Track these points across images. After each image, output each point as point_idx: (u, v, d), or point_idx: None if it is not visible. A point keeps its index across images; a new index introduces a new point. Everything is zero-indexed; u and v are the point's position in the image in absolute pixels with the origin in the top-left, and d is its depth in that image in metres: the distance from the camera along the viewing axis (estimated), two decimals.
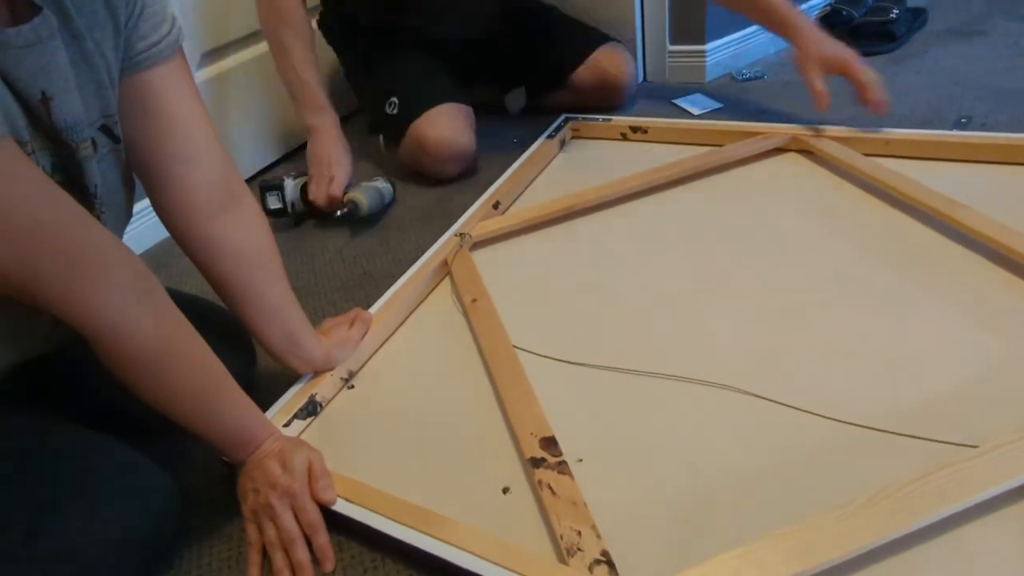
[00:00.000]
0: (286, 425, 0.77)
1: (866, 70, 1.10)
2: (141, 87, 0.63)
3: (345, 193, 1.20)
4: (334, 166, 1.21)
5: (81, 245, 0.53)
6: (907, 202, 0.94)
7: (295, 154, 1.56)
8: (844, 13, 1.60)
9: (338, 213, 1.19)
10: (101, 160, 0.61)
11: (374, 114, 1.34)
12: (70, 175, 0.58)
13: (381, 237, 1.19)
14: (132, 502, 0.60)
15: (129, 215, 0.70)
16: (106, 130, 0.61)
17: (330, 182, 1.19)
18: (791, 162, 1.13)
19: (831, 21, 1.63)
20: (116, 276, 0.55)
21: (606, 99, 1.42)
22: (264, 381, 0.87)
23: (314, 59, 1.24)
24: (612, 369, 0.79)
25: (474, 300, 0.90)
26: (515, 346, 0.83)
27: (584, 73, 1.40)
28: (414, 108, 1.26)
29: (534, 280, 0.97)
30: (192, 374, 0.61)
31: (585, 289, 0.93)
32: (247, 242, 0.73)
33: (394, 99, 1.28)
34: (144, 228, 1.23)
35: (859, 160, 1.03)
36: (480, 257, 1.03)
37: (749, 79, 1.49)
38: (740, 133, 1.17)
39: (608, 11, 1.53)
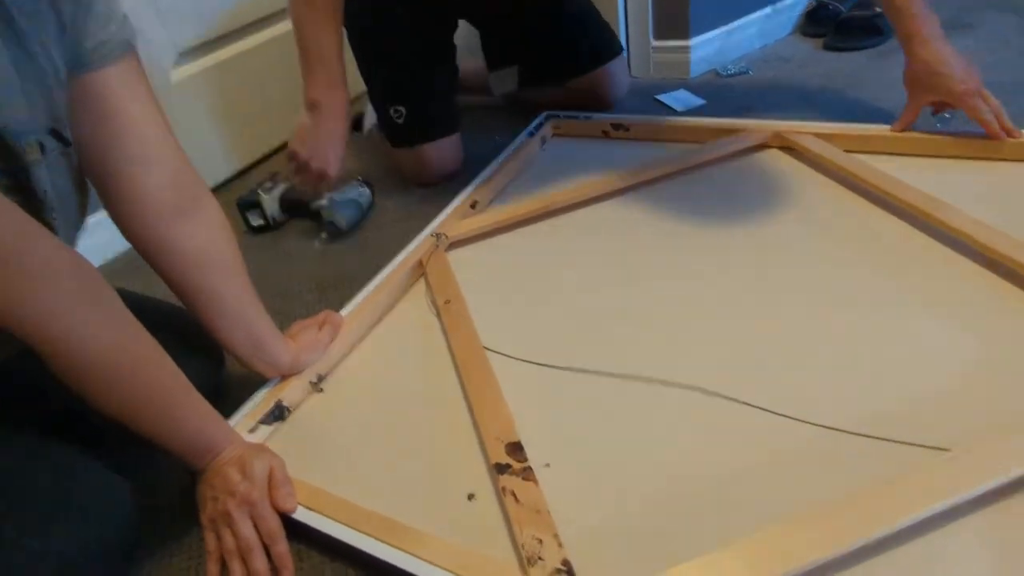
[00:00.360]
0: (251, 431, 0.75)
1: (982, 106, 0.97)
2: (90, 88, 0.61)
3: (322, 208, 1.18)
4: (330, 163, 1.12)
5: (23, 252, 0.51)
6: (889, 200, 0.93)
7: (273, 156, 1.55)
8: (830, 8, 1.58)
9: (317, 242, 1.17)
10: (50, 164, 0.59)
11: (376, 108, 1.29)
12: (17, 180, 0.57)
13: (358, 237, 1.17)
14: (85, 516, 0.59)
15: (83, 220, 0.69)
16: (55, 133, 0.59)
17: (319, 179, 1.13)
18: (773, 159, 1.11)
19: (817, 16, 1.62)
20: (63, 284, 0.53)
21: (593, 106, 1.40)
22: (234, 385, 0.85)
23: (338, 24, 1.08)
24: (584, 372, 0.77)
25: (447, 302, 0.89)
26: (487, 348, 0.81)
27: (584, 82, 1.37)
28: (421, 131, 1.24)
29: (510, 281, 0.96)
30: (147, 382, 0.60)
31: (560, 290, 0.92)
32: (207, 245, 0.71)
33: (401, 108, 1.23)
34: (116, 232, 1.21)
35: (840, 157, 1.02)
36: (457, 257, 1.02)
37: (734, 75, 1.47)
38: (721, 130, 1.15)
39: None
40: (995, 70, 1.28)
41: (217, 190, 1.43)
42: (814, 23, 1.62)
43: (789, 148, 1.11)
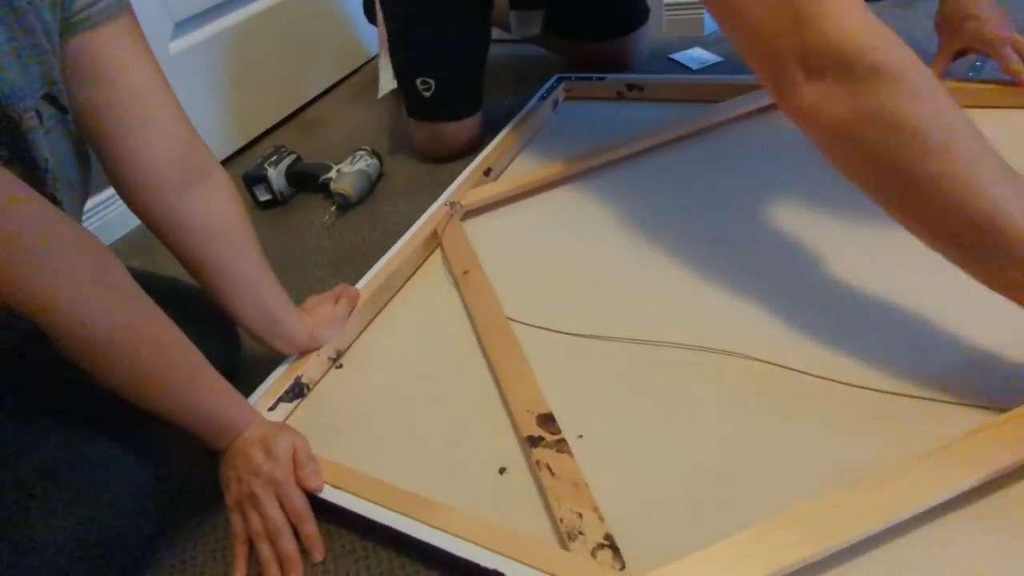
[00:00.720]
0: (271, 409, 0.73)
1: (1012, 55, 0.91)
2: (84, 50, 0.57)
3: (330, 181, 1.15)
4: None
5: (27, 226, 0.48)
6: None
7: (277, 129, 1.51)
8: None
9: (327, 218, 1.13)
10: (49, 132, 0.56)
11: (401, 76, 1.21)
12: (17, 150, 0.54)
13: (369, 210, 1.14)
14: (105, 500, 0.57)
15: (87, 192, 0.66)
16: (50, 99, 0.56)
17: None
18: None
19: None
20: (67, 259, 0.50)
21: (610, 69, 1.35)
22: (251, 364, 0.83)
23: None
24: (610, 339, 0.74)
25: (466, 272, 0.86)
26: (509, 318, 0.79)
27: (606, 47, 1.33)
28: (446, 107, 1.20)
29: (528, 249, 0.93)
30: (161, 361, 0.57)
31: (580, 257, 0.89)
32: (217, 218, 0.68)
33: (430, 81, 1.17)
34: (125, 210, 1.19)
35: None
36: (472, 226, 0.99)
37: None
38: (737, 88, 1.11)
39: None
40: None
41: (222, 165, 1.40)
42: None
43: None
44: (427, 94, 1.18)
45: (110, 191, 1.20)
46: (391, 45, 1.22)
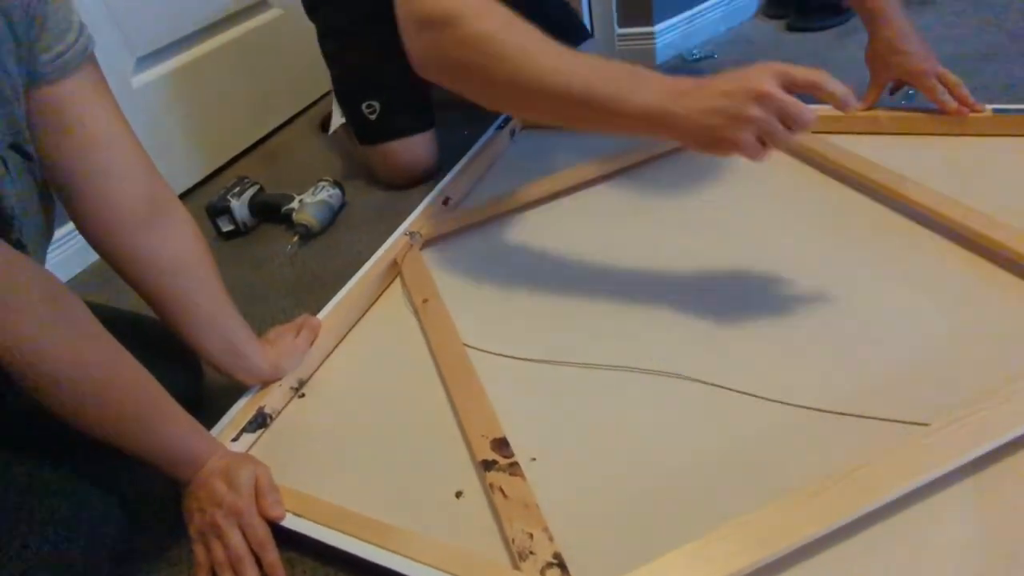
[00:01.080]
0: (234, 440, 0.75)
1: (938, 86, 0.99)
2: (50, 100, 0.59)
3: (293, 212, 1.17)
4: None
5: None
6: (855, 179, 0.95)
7: (240, 159, 1.52)
8: None
9: (289, 248, 1.15)
10: (15, 179, 0.58)
11: (346, 104, 1.25)
12: None
13: (331, 240, 1.16)
14: (68, 532, 0.57)
15: (50, 234, 0.67)
16: (16, 148, 0.57)
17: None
18: None
19: None
20: (27, 300, 0.52)
21: None
22: (216, 394, 0.84)
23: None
24: (565, 364, 0.78)
25: (425, 300, 0.88)
26: (466, 345, 0.82)
27: None
28: (394, 127, 1.22)
29: (486, 277, 0.96)
30: (122, 397, 0.59)
31: (537, 284, 0.92)
32: (179, 252, 0.70)
33: (375, 104, 1.20)
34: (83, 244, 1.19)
35: (807, 138, 1.03)
36: (431, 256, 1.02)
37: (700, 59, 1.48)
38: None
39: None
40: (956, 43, 1.31)
41: (185, 196, 1.41)
42: (776, 4, 1.63)
43: None
44: (373, 117, 1.21)
45: (70, 226, 1.20)
46: (332, 76, 1.25)
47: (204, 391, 0.85)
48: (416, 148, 1.24)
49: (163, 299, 0.70)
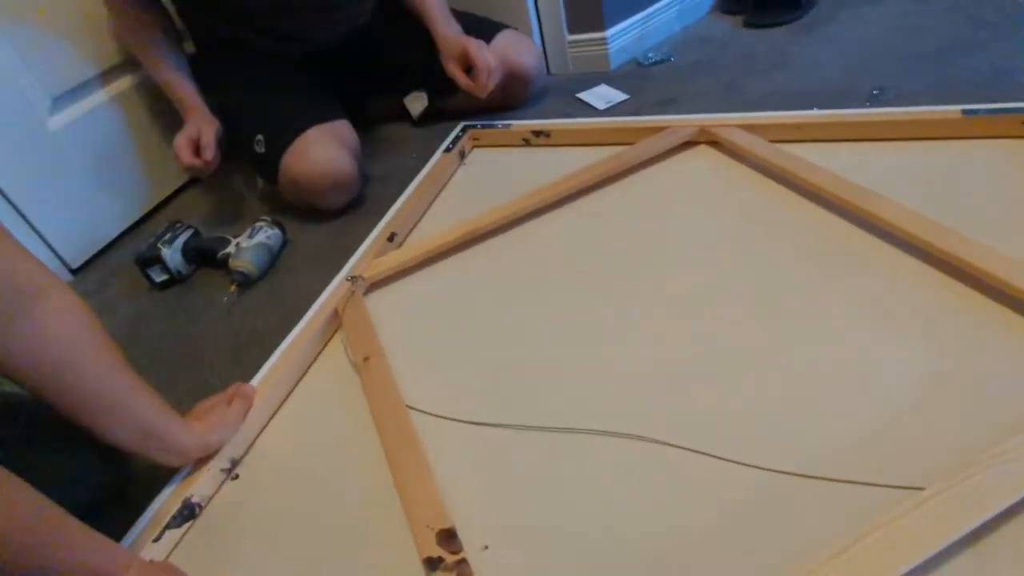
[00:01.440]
0: (156, 540, 0.67)
1: (481, 55, 1.20)
2: None
3: (229, 257, 1.09)
4: (202, 125, 1.17)
5: None
6: (819, 194, 0.89)
7: (173, 198, 1.43)
8: None
9: (226, 299, 1.07)
10: None
11: (247, 155, 1.22)
12: None
13: (270, 287, 1.08)
14: None
15: None
16: None
17: (196, 141, 1.16)
18: (700, 156, 1.06)
19: None
20: None
21: (513, 93, 1.33)
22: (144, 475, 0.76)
23: (173, 62, 1.21)
24: (518, 428, 0.71)
25: (366, 358, 0.81)
26: (410, 407, 0.74)
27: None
28: (280, 142, 1.15)
29: (434, 324, 0.88)
30: (11, 529, 0.51)
31: (489, 331, 0.85)
32: (59, 338, 0.61)
33: (260, 136, 1.16)
34: None
35: (767, 150, 0.97)
36: (376, 300, 0.94)
37: (655, 63, 1.42)
38: (645, 129, 1.10)
39: (499, 2, 1.43)
40: (910, 40, 1.25)
41: (115, 243, 1.32)
42: (732, 0, 1.57)
43: (716, 143, 1.06)
44: (262, 149, 1.18)
45: None
46: (235, 146, 1.24)
47: (131, 472, 0.77)
48: (309, 151, 1.14)
49: (54, 393, 0.61)
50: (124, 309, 1.12)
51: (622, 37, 1.43)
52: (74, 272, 1.28)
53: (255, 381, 0.82)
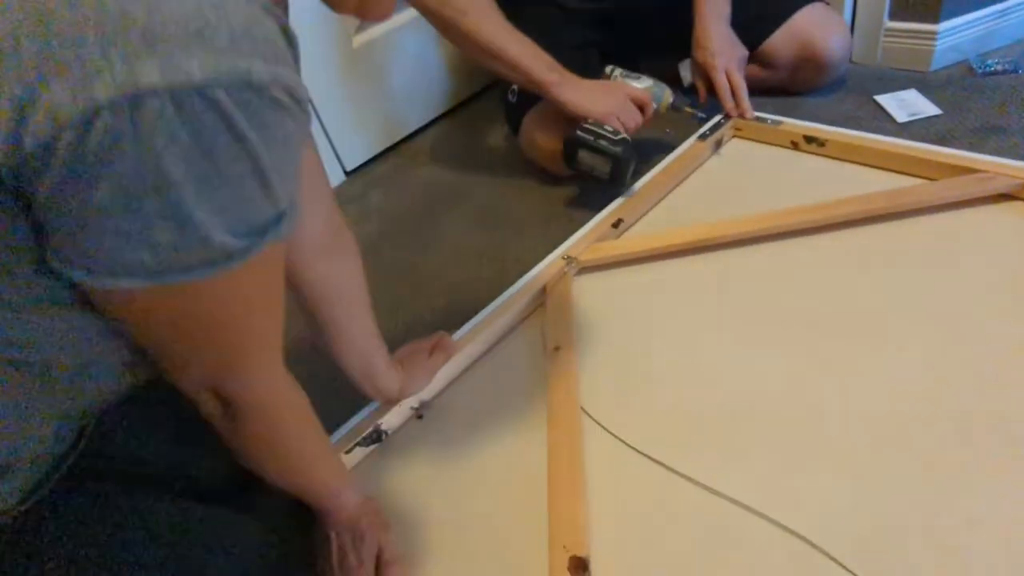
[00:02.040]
0: (347, 452, 0.78)
1: (723, 80, 1.13)
2: None
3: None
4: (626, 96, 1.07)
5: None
6: None
7: (449, 116, 1.54)
8: None
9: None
10: None
11: (501, 98, 1.25)
12: None
13: (499, 235, 1.13)
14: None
15: None
16: None
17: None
18: (1011, 215, 0.86)
19: None
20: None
21: (806, 78, 1.19)
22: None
23: (506, 24, 1.00)
24: (685, 478, 0.68)
25: (556, 348, 0.83)
26: (585, 411, 0.75)
27: (780, 41, 1.17)
28: (529, 100, 1.15)
29: (636, 327, 0.86)
30: (305, 436, 0.61)
31: (691, 354, 0.81)
32: (342, 281, 0.72)
33: (514, 86, 1.17)
34: None
35: None
36: (587, 284, 0.94)
37: (993, 72, 1.15)
38: (947, 166, 0.91)
39: None
40: None
41: (379, 157, 1.47)
42: None
43: None
44: (513, 99, 1.20)
45: None
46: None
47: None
48: (551, 119, 1.10)
49: (318, 322, 0.72)
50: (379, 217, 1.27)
51: (959, 33, 1.18)
52: (347, 174, 1.46)
53: (457, 336, 0.88)
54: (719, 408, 0.74)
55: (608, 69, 1.14)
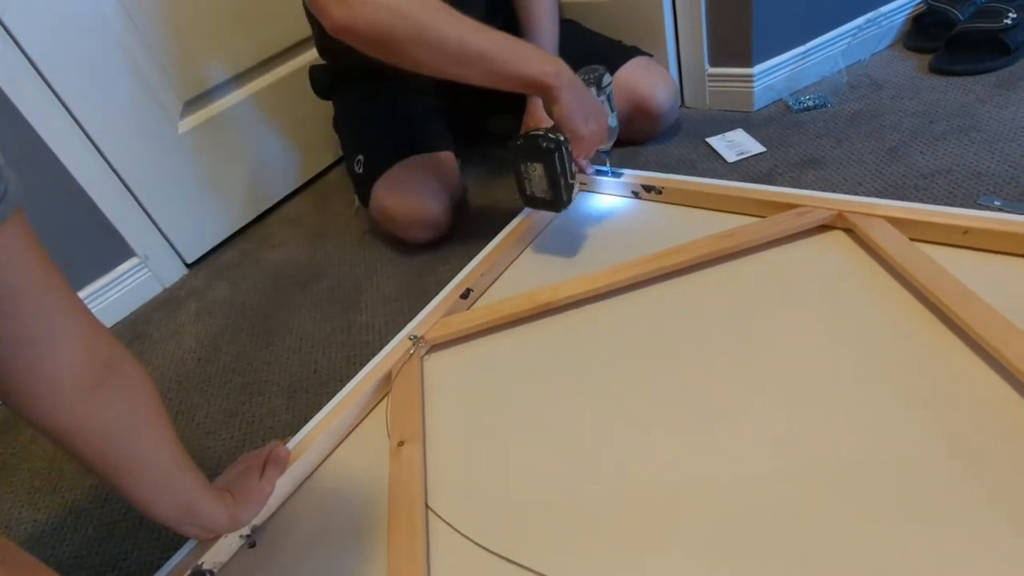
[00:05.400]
0: None
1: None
2: None
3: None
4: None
5: None
6: (954, 321, 0.70)
7: (297, 195, 1.47)
8: (944, 13, 1.27)
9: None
10: None
11: (348, 171, 1.21)
12: None
13: (345, 320, 1.06)
14: None
15: None
16: None
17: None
18: (831, 244, 0.88)
19: (925, 25, 1.31)
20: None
21: (641, 128, 1.22)
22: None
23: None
24: (535, 573, 0.62)
25: (400, 443, 0.76)
26: (431, 509, 0.68)
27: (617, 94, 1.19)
28: (376, 169, 1.13)
29: (487, 405, 0.81)
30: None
31: (542, 428, 0.76)
32: (126, 412, 0.61)
33: (360, 156, 1.15)
34: (124, 293, 1.18)
35: (911, 255, 0.78)
36: (437, 363, 0.89)
37: (807, 108, 1.22)
38: (772, 204, 0.94)
39: (635, 24, 1.30)
40: None
41: (224, 245, 1.38)
42: (921, 35, 1.32)
43: (852, 231, 0.88)
44: (360, 170, 1.17)
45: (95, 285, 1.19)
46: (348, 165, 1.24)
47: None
48: (401, 184, 1.11)
49: (106, 465, 0.61)
50: (222, 311, 1.16)
51: (772, 74, 1.25)
52: (188, 267, 1.35)
53: (292, 444, 0.80)
54: (571, 494, 0.68)
55: (587, 75, 1.00)
